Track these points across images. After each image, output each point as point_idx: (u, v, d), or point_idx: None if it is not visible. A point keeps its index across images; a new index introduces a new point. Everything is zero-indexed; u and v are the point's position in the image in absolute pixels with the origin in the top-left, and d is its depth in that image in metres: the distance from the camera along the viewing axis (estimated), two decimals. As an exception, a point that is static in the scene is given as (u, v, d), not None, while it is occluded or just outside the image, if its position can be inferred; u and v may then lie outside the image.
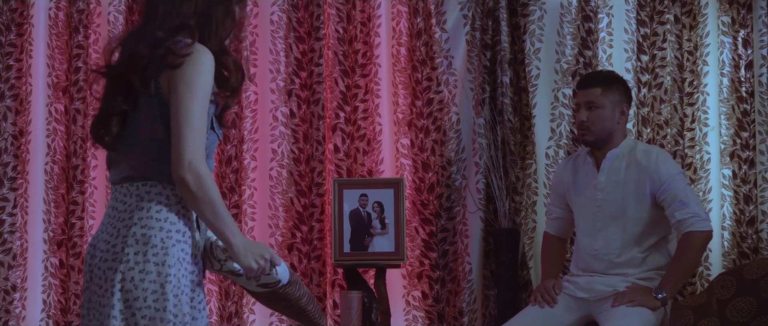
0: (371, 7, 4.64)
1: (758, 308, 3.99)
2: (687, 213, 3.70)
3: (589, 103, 3.81)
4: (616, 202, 3.80)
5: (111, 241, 2.26)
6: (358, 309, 4.24)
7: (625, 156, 3.83)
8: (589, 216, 3.88)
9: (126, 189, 2.30)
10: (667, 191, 3.73)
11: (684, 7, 4.59)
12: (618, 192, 3.80)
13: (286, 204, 4.59)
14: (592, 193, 3.86)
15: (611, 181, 3.82)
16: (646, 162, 3.79)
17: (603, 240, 3.83)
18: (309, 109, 4.61)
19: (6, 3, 4.58)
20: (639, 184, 3.78)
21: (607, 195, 3.82)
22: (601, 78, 3.91)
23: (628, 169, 3.81)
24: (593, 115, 3.80)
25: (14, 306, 4.53)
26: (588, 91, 3.82)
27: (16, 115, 4.58)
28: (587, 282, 3.86)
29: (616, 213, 3.80)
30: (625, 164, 3.82)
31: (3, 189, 4.57)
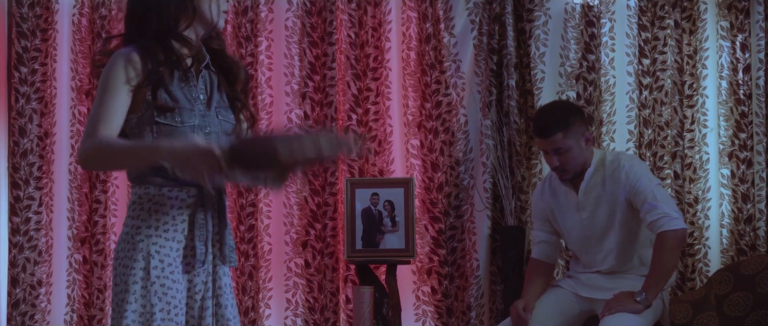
0: (382, 12, 4.64)
1: (755, 302, 4.05)
2: (657, 215, 3.59)
3: (557, 150, 3.68)
4: (600, 217, 3.73)
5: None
6: (370, 304, 4.25)
7: (599, 171, 3.73)
8: (578, 235, 3.81)
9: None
10: (637, 195, 3.63)
11: (684, 12, 4.59)
12: (600, 207, 3.73)
13: (300, 203, 4.60)
14: (575, 215, 3.78)
15: (591, 200, 3.74)
16: (616, 171, 3.69)
17: (600, 254, 3.77)
18: (322, 111, 4.61)
19: (31, 9, 4.63)
20: (615, 195, 3.70)
21: (590, 213, 3.74)
22: (557, 121, 3.68)
23: (603, 184, 3.72)
24: (564, 157, 3.67)
25: (40, 301, 4.58)
26: (550, 139, 3.66)
27: (42, 117, 4.62)
28: (589, 279, 3.84)
29: (604, 227, 3.73)
30: (600, 179, 3.72)
31: (29, 189, 4.61)
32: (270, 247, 4.61)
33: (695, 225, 4.55)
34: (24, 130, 4.62)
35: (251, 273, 4.61)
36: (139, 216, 2.46)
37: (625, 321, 3.58)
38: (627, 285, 3.73)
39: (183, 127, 2.43)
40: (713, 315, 4.12)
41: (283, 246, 4.62)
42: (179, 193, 2.47)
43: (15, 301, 4.59)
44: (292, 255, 4.61)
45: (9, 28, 4.65)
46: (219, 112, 2.52)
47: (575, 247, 3.87)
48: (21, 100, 4.62)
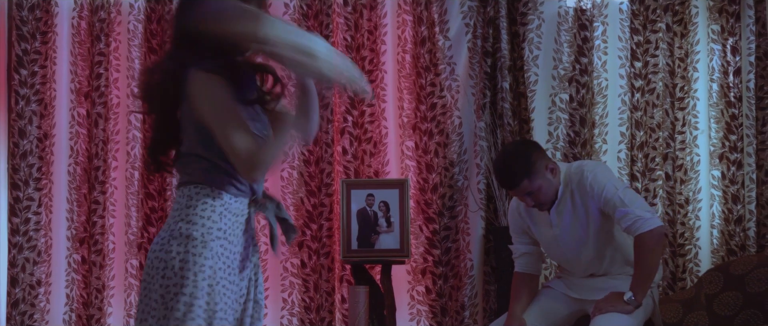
0: (378, 16, 4.64)
1: (744, 301, 4.07)
2: (631, 219, 3.55)
3: (529, 195, 3.64)
4: (575, 231, 3.70)
5: (162, 236, 2.47)
6: (365, 303, 4.25)
7: (567, 188, 3.70)
8: (557, 250, 3.80)
9: (181, 192, 2.51)
10: (608, 203, 3.60)
11: (675, 16, 4.61)
12: (572, 222, 3.70)
13: (296, 204, 4.61)
14: (549, 231, 3.76)
15: (563, 216, 3.69)
16: (581, 183, 3.65)
17: (581, 264, 3.77)
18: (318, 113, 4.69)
19: (31, 13, 4.63)
20: (586, 206, 3.66)
21: (564, 229, 3.71)
22: (520, 169, 3.63)
23: (572, 198, 3.68)
24: (537, 196, 3.64)
25: (39, 300, 4.59)
26: (519, 188, 3.63)
27: (41, 118, 4.63)
28: (580, 280, 3.83)
29: (579, 239, 3.70)
30: (569, 195, 3.69)
31: (28, 189, 4.61)
32: (266, 247, 4.61)
33: (686, 225, 4.57)
34: (24, 131, 4.62)
35: None
36: (210, 217, 2.49)
37: (616, 320, 3.58)
38: (617, 285, 3.73)
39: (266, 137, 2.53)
40: (703, 315, 4.14)
41: (280, 247, 4.63)
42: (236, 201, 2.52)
43: (14, 301, 4.59)
44: (289, 255, 4.62)
45: (9, 30, 4.65)
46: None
47: (557, 259, 3.89)
48: (21, 102, 4.62)
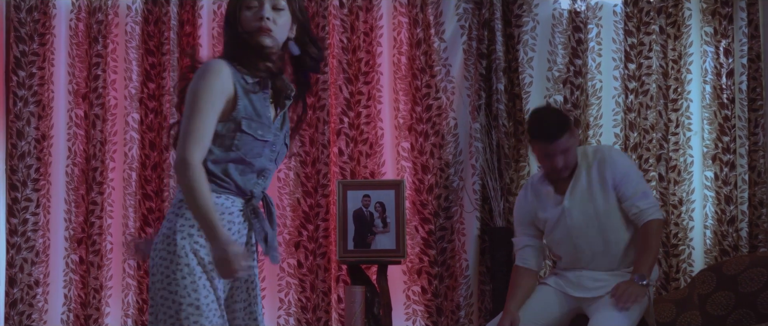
0: (373, 18, 4.65)
1: (736, 301, 4.09)
2: (647, 204, 3.76)
3: (564, 151, 3.76)
4: (584, 206, 3.79)
5: (157, 235, 2.55)
6: (361, 303, 4.27)
7: (583, 162, 3.83)
8: (561, 226, 3.85)
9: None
10: (627, 184, 3.76)
11: (669, 18, 4.63)
12: (584, 195, 3.79)
13: (293, 204, 4.62)
14: (558, 209, 3.82)
15: (578, 193, 3.80)
16: (601, 158, 3.81)
17: (584, 245, 3.82)
18: (315, 115, 4.62)
19: (29, 14, 4.63)
20: (602, 181, 3.79)
21: (573, 203, 3.79)
22: (562, 124, 3.78)
23: (589, 173, 3.81)
24: (567, 157, 3.77)
25: (37, 300, 4.59)
26: (558, 142, 3.74)
27: (39, 119, 4.63)
28: (577, 277, 3.87)
29: (588, 215, 3.79)
30: (585, 169, 3.82)
31: (27, 190, 4.61)
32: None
33: (679, 226, 4.60)
34: (22, 132, 4.63)
35: None
36: (185, 215, 2.51)
37: (615, 320, 3.63)
38: (612, 282, 3.77)
39: (261, 140, 2.54)
40: (696, 314, 4.15)
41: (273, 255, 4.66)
42: (226, 201, 2.54)
43: (12, 301, 4.60)
44: (285, 255, 4.63)
45: (7, 32, 4.65)
46: (286, 135, 2.63)
47: (561, 248, 3.91)
48: (19, 103, 4.63)
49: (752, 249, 4.53)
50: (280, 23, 2.55)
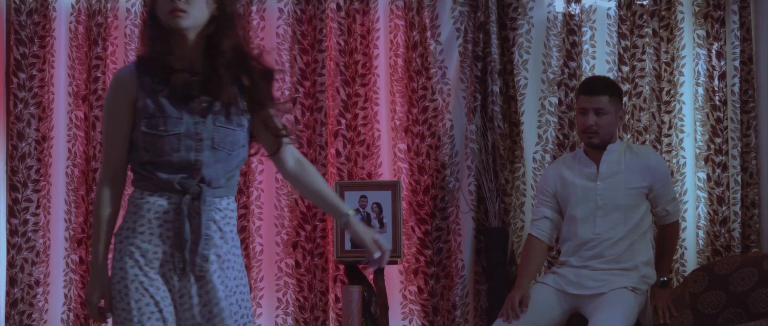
0: (370, 21, 4.66)
1: (727, 300, 4.13)
2: (674, 207, 4.02)
3: (598, 109, 3.92)
4: (616, 191, 3.91)
5: None
6: (359, 303, 4.29)
7: (623, 151, 3.98)
8: (584, 205, 3.94)
9: None
10: (665, 188, 3.97)
11: (662, 21, 4.64)
12: (617, 181, 3.92)
13: (291, 205, 4.62)
14: (590, 185, 3.94)
15: (610, 172, 3.95)
16: (645, 157, 3.98)
17: (604, 226, 3.90)
18: (312, 116, 4.63)
19: (30, 17, 4.63)
20: (636, 175, 3.93)
21: (607, 184, 3.93)
22: (608, 86, 3.98)
23: (626, 162, 3.95)
24: (601, 119, 3.92)
25: (37, 300, 4.60)
26: (597, 97, 3.92)
27: (39, 121, 4.63)
28: (576, 276, 3.90)
29: (616, 201, 3.91)
30: (623, 158, 3.96)
31: (27, 191, 4.61)
32: (261, 248, 4.64)
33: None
34: (22, 134, 4.62)
35: None
36: (126, 218, 2.58)
37: (614, 320, 3.67)
38: (610, 280, 3.82)
39: (168, 135, 2.51)
40: (688, 313, 4.18)
41: (274, 247, 4.65)
42: (160, 200, 2.54)
43: (13, 301, 4.60)
44: (283, 255, 4.64)
45: (8, 35, 4.64)
46: (217, 118, 2.56)
47: (580, 227, 3.94)
48: (19, 105, 4.62)
49: (744, 250, 4.56)
50: (194, 3, 2.51)
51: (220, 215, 2.61)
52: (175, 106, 2.53)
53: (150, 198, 2.55)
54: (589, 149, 4.01)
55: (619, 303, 3.78)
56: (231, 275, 2.63)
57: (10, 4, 4.64)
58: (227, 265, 2.62)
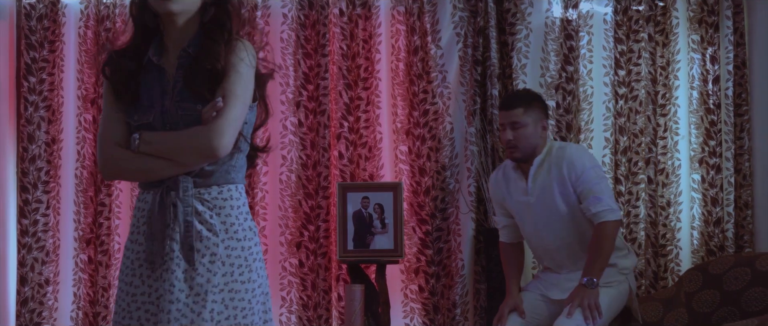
0: (372, 26, 4.69)
1: (721, 299, 4.17)
2: (601, 207, 3.70)
3: (514, 124, 3.80)
4: (547, 203, 3.80)
5: None
6: (361, 301, 4.31)
7: (547, 159, 3.82)
8: (528, 220, 3.89)
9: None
10: (583, 184, 3.73)
11: (657, 26, 4.68)
12: (546, 193, 3.80)
13: (294, 206, 4.65)
14: (524, 200, 3.86)
15: (538, 186, 3.82)
16: (561, 159, 3.78)
17: (551, 236, 3.83)
18: (316, 119, 4.65)
19: (40, 22, 4.66)
20: (562, 180, 3.78)
21: (537, 199, 3.82)
22: (522, 98, 3.86)
23: (550, 171, 3.80)
24: (518, 133, 3.80)
25: (47, 299, 4.62)
26: (511, 112, 3.80)
27: (49, 124, 4.65)
28: (556, 279, 3.89)
29: (551, 212, 3.80)
30: (547, 167, 3.81)
31: (37, 192, 4.63)
32: (266, 248, 4.66)
33: (667, 227, 4.65)
34: (32, 136, 4.64)
35: None
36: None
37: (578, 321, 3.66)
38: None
39: (139, 125, 2.45)
40: (683, 312, 4.22)
41: (279, 247, 4.67)
42: (146, 196, 2.51)
43: (24, 299, 4.62)
44: (287, 255, 4.67)
45: (18, 40, 4.67)
46: (179, 104, 2.45)
47: (529, 237, 3.95)
48: (29, 109, 4.64)
49: (738, 250, 4.59)
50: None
51: (207, 205, 2.48)
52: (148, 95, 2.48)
53: (141, 195, 2.53)
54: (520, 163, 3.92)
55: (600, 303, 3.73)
56: (219, 270, 2.46)
57: (20, 9, 4.67)
58: (214, 259, 2.46)
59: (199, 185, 2.48)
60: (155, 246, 2.45)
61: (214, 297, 2.44)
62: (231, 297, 2.46)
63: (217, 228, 2.47)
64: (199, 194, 2.47)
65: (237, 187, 2.54)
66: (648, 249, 4.65)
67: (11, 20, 4.70)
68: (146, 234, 2.46)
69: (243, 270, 2.49)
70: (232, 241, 2.49)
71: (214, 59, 2.44)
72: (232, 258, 2.47)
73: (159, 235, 2.44)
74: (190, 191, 2.46)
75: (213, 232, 2.46)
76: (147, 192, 2.51)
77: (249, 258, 2.51)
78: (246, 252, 2.51)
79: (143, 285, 2.47)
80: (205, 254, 2.45)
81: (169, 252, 2.44)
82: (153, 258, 2.45)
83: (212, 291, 2.44)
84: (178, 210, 2.44)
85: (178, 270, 2.44)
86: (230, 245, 2.48)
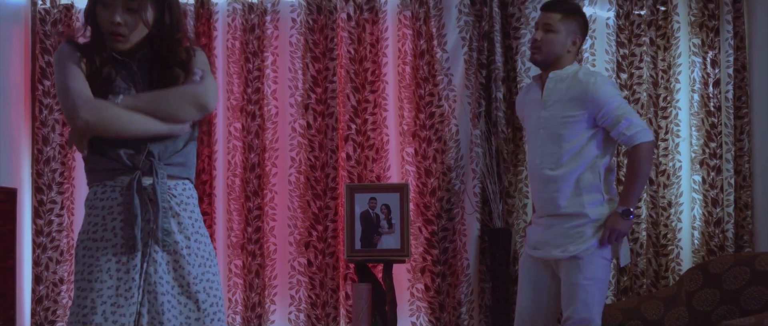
0: (379, 30, 4.72)
1: (721, 298, 4.21)
2: (634, 129, 3.55)
3: (547, 25, 3.65)
4: (556, 118, 3.62)
5: None
6: (368, 300, 4.34)
7: (569, 78, 3.64)
8: (534, 133, 3.71)
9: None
10: (609, 113, 3.55)
11: (659, 30, 4.72)
12: (558, 108, 3.62)
13: (303, 207, 4.68)
14: (537, 111, 3.69)
15: (552, 99, 3.64)
16: (586, 83, 3.59)
17: (542, 156, 3.65)
18: (324, 122, 4.68)
19: (54, 27, 4.69)
20: (578, 102, 3.59)
21: (548, 111, 3.64)
22: (564, 5, 3.70)
23: (568, 89, 3.62)
24: (547, 37, 3.64)
25: (61, 297, 4.66)
26: (549, 14, 3.66)
27: (63, 126, 4.67)
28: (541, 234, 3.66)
29: (555, 128, 3.62)
30: (567, 85, 3.63)
31: (52, 193, 4.66)
32: (275, 247, 4.71)
33: (668, 227, 4.69)
34: (47, 138, 4.67)
35: (258, 272, 4.67)
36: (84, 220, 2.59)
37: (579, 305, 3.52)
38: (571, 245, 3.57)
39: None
40: (683, 310, 4.26)
41: (288, 247, 4.71)
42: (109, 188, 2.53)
43: (39, 297, 4.66)
44: (296, 254, 4.71)
45: (33, 44, 4.71)
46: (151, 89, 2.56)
47: (529, 147, 3.80)
48: (44, 111, 4.68)
49: (738, 249, 4.63)
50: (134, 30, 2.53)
51: (176, 200, 2.57)
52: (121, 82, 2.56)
53: (102, 194, 2.54)
54: (541, 72, 3.75)
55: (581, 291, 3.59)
56: (196, 262, 2.57)
57: (35, 14, 4.72)
58: (189, 252, 2.56)
59: (168, 174, 2.58)
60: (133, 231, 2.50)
61: (197, 288, 2.56)
62: (209, 286, 2.60)
63: (186, 223, 2.58)
64: (169, 188, 2.57)
65: (192, 186, 2.67)
66: (649, 248, 4.68)
67: (26, 25, 4.76)
68: (125, 222, 2.51)
69: (211, 263, 2.64)
70: (199, 235, 2.62)
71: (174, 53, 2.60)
72: (201, 250, 2.61)
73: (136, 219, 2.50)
74: (165, 177, 2.56)
75: (183, 226, 2.58)
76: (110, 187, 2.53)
77: (212, 253, 2.65)
78: (209, 247, 2.65)
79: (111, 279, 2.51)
80: (182, 246, 2.56)
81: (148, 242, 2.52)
82: (133, 243, 2.50)
83: (193, 282, 2.56)
84: (157, 194, 2.52)
85: (163, 263, 2.53)
86: (199, 239, 2.61)
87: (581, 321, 3.55)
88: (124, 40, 2.54)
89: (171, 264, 2.54)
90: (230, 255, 4.72)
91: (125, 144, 2.51)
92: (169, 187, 2.56)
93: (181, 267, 2.55)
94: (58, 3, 4.72)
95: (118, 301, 2.51)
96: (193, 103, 2.54)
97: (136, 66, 2.59)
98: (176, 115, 2.54)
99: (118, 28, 2.52)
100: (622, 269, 4.63)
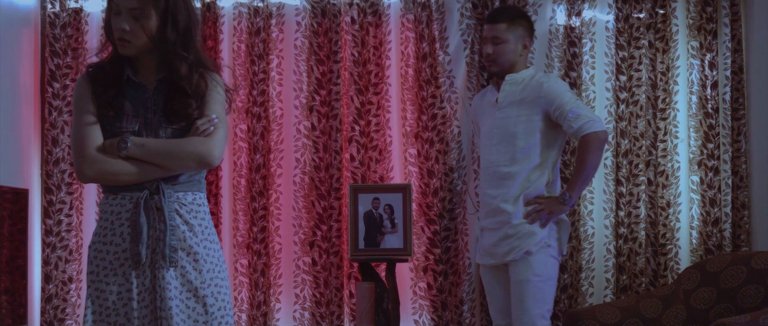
0: (383, 33, 4.74)
1: (718, 297, 4.23)
2: (581, 120, 3.68)
3: (495, 39, 3.79)
4: (510, 118, 3.79)
5: None
6: (371, 299, 4.35)
7: (524, 81, 3.81)
8: (488, 133, 3.88)
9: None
10: (560, 107, 3.70)
11: (657, 33, 4.72)
12: (513, 109, 3.78)
13: (307, 207, 4.69)
14: (492, 112, 3.86)
15: (507, 100, 3.80)
16: (539, 84, 3.77)
17: (497, 154, 3.81)
18: (328, 123, 4.70)
19: (63, 30, 4.71)
20: (532, 102, 3.75)
21: (504, 112, 3.80)
22: (507, 14, 3.82)
23: (523, 90, 3.79)
24: (498, 49, 3.79)
25: (70, 296, 4.69)
26: (494, 26, 3.78)
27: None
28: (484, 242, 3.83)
29: (510, 128, 3.78)
30: (522, 87, 3.80)
31: (61, 193, 4.69)
32: (280, 247, 4.73)
33: (667, 227, 4.70)
34: (56, 140, 4.70)
35: (263, 271, 4.69)
36: (97, 224, 2.68)
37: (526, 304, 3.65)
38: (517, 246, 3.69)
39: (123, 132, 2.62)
40: (681, 309, 4.27)
41: (292, 246, 4.73)
42: (120, 199, 2.62)
43: (48, 296, 4.69)
44: (301, 254, 4.73)
45: (43, 47, 4.74)
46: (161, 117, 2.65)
47: (481, 146, 3.90)
48: (53, 113, 4.71)
49: (735, 249, 4.64)
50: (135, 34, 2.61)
51: (185, 209, 2.65)
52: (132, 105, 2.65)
53: (113, 200, 2.64)
54: (498, 80, 3.90)
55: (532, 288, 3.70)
56: (204, 267, 2.65)
57: (45, 18, 4.75)
58: (198, 257, 2.64)
59: (176, 190, 2.66)
60: (138, 247, 2.59)
61: (205, 292, 2.64)
62: (217, 291, 2.67)
63: (197, 229, 2.66)
64: (177, 198, 2.65)
65: (203, 196, 2.74)
66: (648, 248, 4.70)
67: (36, 28, 4.79)
68: (131, 237, 2.60)
69: (220, 268, 2.71)
70: (208, 242, 2.69)
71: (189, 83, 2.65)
72: (211, 256, 2.68)
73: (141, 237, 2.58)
74: (173, 196, 2.64)
75: (194, 233, 2.65)
76: (121, 196, 2.63)
77: (221, 258, 2.72)
78: (219, 253, 2.72)
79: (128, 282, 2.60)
80: (190, 253, 2.64)
81: (156, 253, 2.59)
82: (138, 259, 2.59)
83: (201, 287, 2.64)
84: (164, 214, 2.60)
85: (171, 269, 2.60)
86: (208, 245, 2.69)
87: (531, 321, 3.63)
88: (129, 45, 2.63)
89: (179, 269, 2.63)
90: (236, 255, 4.74)
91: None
92: (178, 197, 2.65)
93: (190, 271, 2.63)
94: (68, 6, 4.75)
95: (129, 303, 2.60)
96: (197, 161, 2.61)
97: (152, 90, 2.66)
98: (178, 169, 2.64)
99: (123, 35, 2.62)
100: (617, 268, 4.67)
